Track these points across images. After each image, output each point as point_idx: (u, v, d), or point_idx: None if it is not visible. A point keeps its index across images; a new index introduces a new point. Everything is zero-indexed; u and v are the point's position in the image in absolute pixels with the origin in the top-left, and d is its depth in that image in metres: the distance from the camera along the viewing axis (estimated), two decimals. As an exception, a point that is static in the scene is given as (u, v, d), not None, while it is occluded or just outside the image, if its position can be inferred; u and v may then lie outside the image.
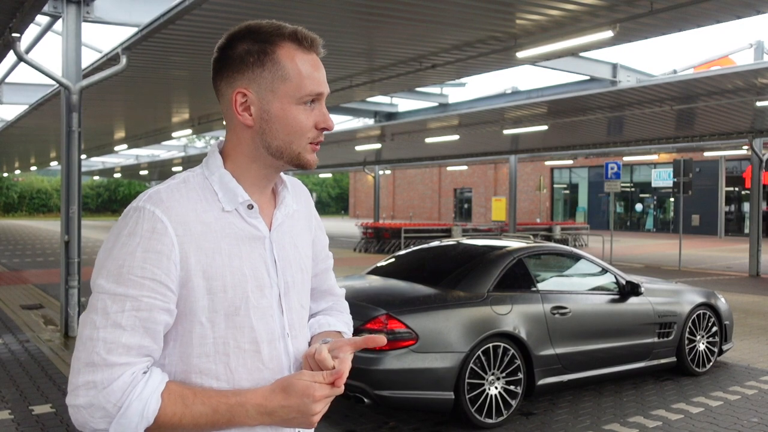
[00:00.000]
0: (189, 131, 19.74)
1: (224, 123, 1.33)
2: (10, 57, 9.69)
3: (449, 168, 44.75)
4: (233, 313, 1.23)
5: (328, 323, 1.48)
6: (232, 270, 1.23)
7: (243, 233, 1.27)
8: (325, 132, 1.30)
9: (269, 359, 1.27)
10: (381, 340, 1.25)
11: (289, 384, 1.20)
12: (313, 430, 1.34)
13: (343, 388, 1.23)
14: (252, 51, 1.24)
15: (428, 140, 20.14)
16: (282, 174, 1.38)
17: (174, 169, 36.23)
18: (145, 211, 1.19)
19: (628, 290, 5.99)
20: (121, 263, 1.16)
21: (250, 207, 1.28)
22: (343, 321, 1.52)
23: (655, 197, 37.44)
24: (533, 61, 10.30)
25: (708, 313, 6.56)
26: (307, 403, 1.18)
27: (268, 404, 1.19)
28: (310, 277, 1.44)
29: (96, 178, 58.80)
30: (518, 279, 5.43)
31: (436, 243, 6.62)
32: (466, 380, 4.71)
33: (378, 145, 22.49)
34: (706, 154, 27.72)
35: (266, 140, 1.26)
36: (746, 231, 30.97)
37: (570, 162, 35.22)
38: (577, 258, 6.23)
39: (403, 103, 19.05)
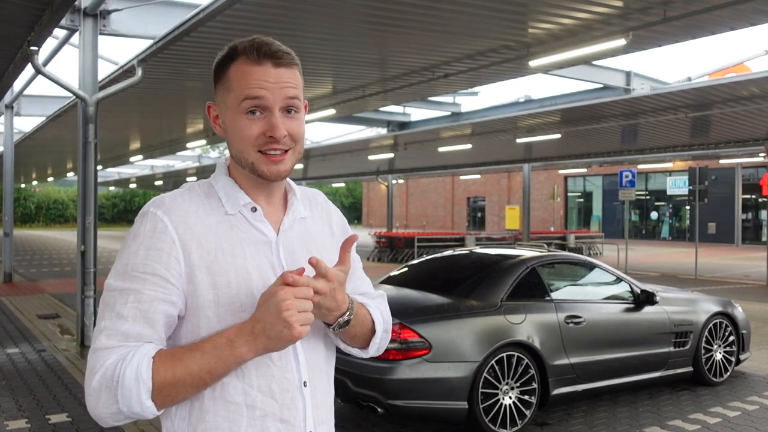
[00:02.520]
0: (203, 142, 19.91)
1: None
2: (28, 69, 9.84)
3: (462, 177, 44.69)
4: (239, 309, 1.26)
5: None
6: (236, 267, 1.28)
7: (248, 236, 1.32)
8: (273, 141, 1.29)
9: (278, 357, 1.30)
10: (354, 237, 1.33)
11: (259, 299, 1.22)
12: (319, 377, 1.35)
13: (311, 295, 1.20)
14: (218, 68, 1.35)
15: (441, 149, 20.14)
16: (292, 184, 1.43)
17: (188, 179, 36.46)
18: (148, 214, 1.28)
19: (643, 299, 5.94)
20: (126, 262, 1.25)
21: (254, 210, 1.34)
22: (371, 301, 1.50)
23: (670, 205, 37.15)
24: (546, 69, 10.29)
25: (725, 322, 6.49)
26: (274, 300, 1.17)
27: (246, 324, 1.20)
28: None
29: (112, 188, 59.34)
30: (532, 288, 5.40)
31: (449, 252, 6.61)
32: (480, 390, 4.69)
33: (391, 155, 22.52)
34: (722, 161, 27.47)
35: (230, 150, 1.35)
36: (764, 239, 30.64)
37: (584, 170, 35.07)
38: (591, 267, 6.20)
39: (416, 113, 19.08)
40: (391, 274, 6.24)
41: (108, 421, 1.19)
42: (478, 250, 6.55)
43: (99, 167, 12.42)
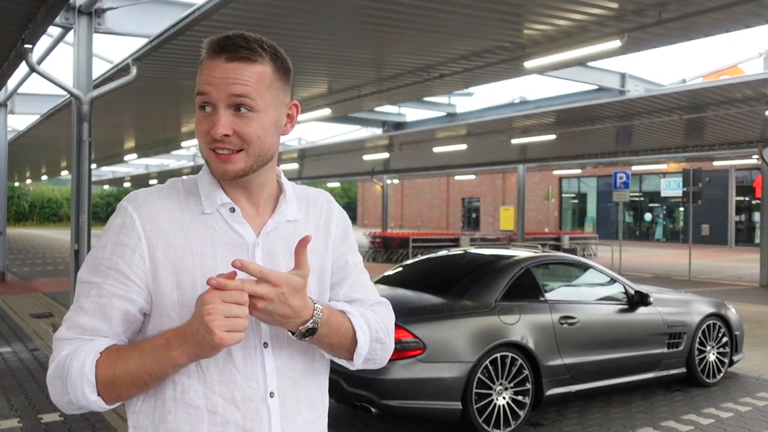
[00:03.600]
0: (198, 141, 19.83)
1: None
2: (23, 68, 9.79)
3: (457, 177, 44.74)
4: None
5: (333, 305, 1.38)
6: (204, 269, 1.24)
7: (222, 237, 1.28)
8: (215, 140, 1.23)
9: (243, 365, 1.25)
10: (307, 238, 1.22)
11: None
12: (292, 390, 1.29)
13: (246, 308, 1.13)
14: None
15: (436, 150, 20.15)
16: (285, 185, 1.38)
17: (183, 178, 36.36)
18: (121, 209, 1.28)
19: (637, 300, 5.96)
20: (95, 255, 1.26)
21: (232, 210, 1.29)
22: (357, 309, 1.38)
23: (664, 207, 37.27)
24: (541, 70, 10.32)
25: (718, 323, 6.51)
26: (199, 305, 1.12)
27: (182, 328, 1.16)
28: (323, 289, 1.38)
29: (106, 187, 59.15)
30: (526, 289, 5.41)
31: (443, 252, 6.62)
32: (474, 390, 4.70)
33: (386, 155, 22.52)
34: (716, 163, 27.57)
35: None
36: (757, 241, 30.73)
37: (578, 171, 35.15)
38: (585, 268, 6.21)
39: (411, 113, 19.11)
40: (386, 274, 6.24)
41: (65, 408, 1.22)
42: (473, 250, 6.55)
43: (93, 166, 12.37)
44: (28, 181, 50.96)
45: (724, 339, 6.54)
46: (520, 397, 4.93)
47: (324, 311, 1.27)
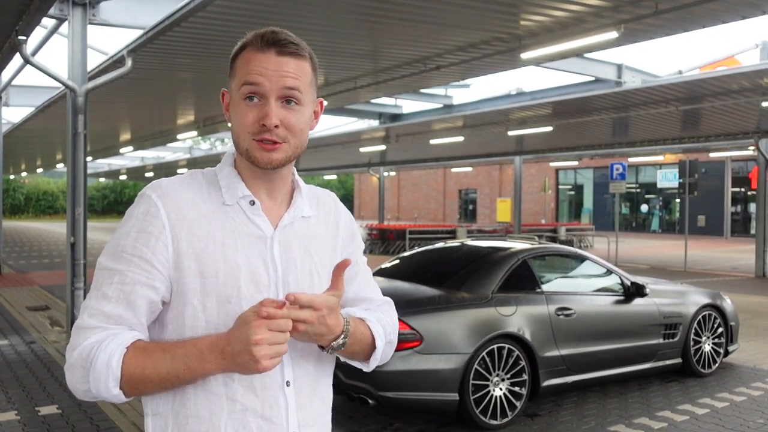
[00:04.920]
0: (194, 133, 19.79)
1: (229, 125, 1.36)
2: (17, 59, 9.74)
3: (454, 169, 44.75)
4: (225, 301, 1.26)
5: (349, 312, 1.43)
6: (226, 258, 1.27)
7: (242, 228, 1.30)
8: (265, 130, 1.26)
9: None
10: (346, 262, 1.29)
11: (236, 318, 1.20)
12: (306, 379, 1.32)
13: (289, 329, 1.16)
14: (232, 58, 1.33)
15: (433, 141, 20.13)
16: (299, 182, 1.41)
17: (179, 170, 36.32)
18: (144, 196, 1.29)
19: (633, 291, 5.98)
20: (117, 242, 1.26)
21: (252, 203, 1.32)
22: (373, 314, 1.45)
23: (660, 198, 37.34)
24: (538, 62, 10.29)
25: (713, 314, 6.54)
26: (246, 330, 1.14)
27: (219, 341, 1.18)
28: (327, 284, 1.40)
29: (102, 179, 59.01)
30: (523, 280, 5.42)
31: (440, 244, 6.63)
32: (471, 381, 4.71)
33: (383, 147, 22.50)
34: (712, 154, 27.64)
35: (232, 137, 1.33)
36: (752, 232, 30.84)
37: (575, 163, 35.18)
38: (581, 259, 6.22)
39: (408, 105, 19.05)
40: (383, 266, 6.25)
41: (81, 395, 1.23)
42: (469, 242, 6.56)
43: (89, 158, 12.35)
44: (24, 173, 50.77)
45: (720, 329, 6.57)
46: (516, 388, 4.95)
47: (351, 324, 1.33)
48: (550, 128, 16.50)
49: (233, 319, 1.22)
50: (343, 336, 1.29)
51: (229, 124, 1.34)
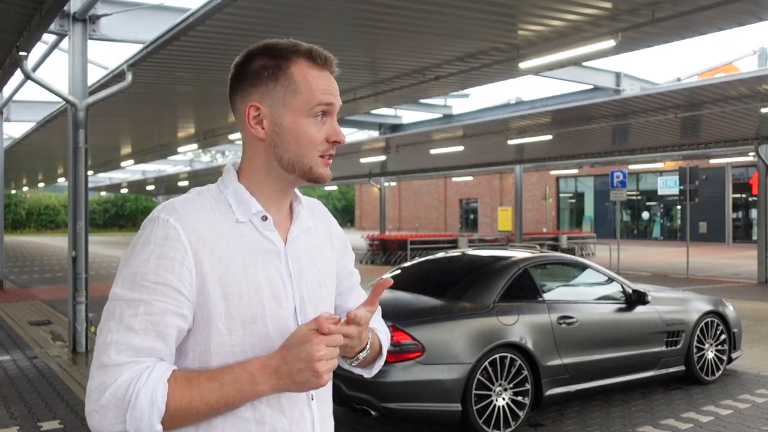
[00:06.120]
0: (195, 146, 19.86)
1: (230, 138, 1.36)
2: (18, 75, 9.79)
3: (454, 179, 44.75)
4: (250, 321, 1.24)
5: None
6: (248, 278, 1.25)
7: (257, 245, 1.28)
8: (336, 146, 1.33)
9: None
10: (388, 282, 1.31)
11: (288, 338, 1.20)
12: (325, 391, 1.35)
13: (341, 339, 1.20)
14: (267, 66, 1.28)
15: (433, 151, 20.16)
16: (298, 193, 1.41)
17: (180, 183, 36.37)
18: (159, 220, 1.22)
19: (635, 299, 5.97)
20: (136, 270, 1.19)
21: (264, 218, 1.30)
22: (378, 327, 1.52)
23: (661, 205, 37.32)
24: (536, 71, 10.33)
25: (716, 320, 6.53)
26: (308, 348, 1.15)
27: (271, 362, 1.18)
28: (332, 294, 1.44)
29: (103, 193, 59.05)
30: (524, 289, 5.42)
31: (441, 254, 6.62)
32: (474, 391, 4.70)
33: (383, 157, 22.53)
34: (712, 161, 27.64)
35: (278, 153, 1.29)
36: (754, 238, 30.78)
37: (575, 171, 35.19)
38: (583, 267, 6.22)
39: (408, 115, 19.11)
40: (384, 276, 6.23)
41: None
42: (470, 251, 6.56)
43: (90, 172, 12.41)
44: (25, 188, 50.86)
45: (723, 336, 6.55)
46: (519, 398, 4.93)
47: (372, 335, 1.40)
48: (549, 137, 16.52)
49: (258, 339, 1.23)
50: (368, 347, 1.37)
51: (259, 136, 1.29)
